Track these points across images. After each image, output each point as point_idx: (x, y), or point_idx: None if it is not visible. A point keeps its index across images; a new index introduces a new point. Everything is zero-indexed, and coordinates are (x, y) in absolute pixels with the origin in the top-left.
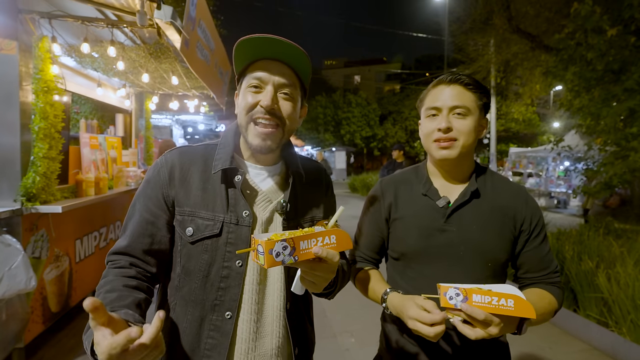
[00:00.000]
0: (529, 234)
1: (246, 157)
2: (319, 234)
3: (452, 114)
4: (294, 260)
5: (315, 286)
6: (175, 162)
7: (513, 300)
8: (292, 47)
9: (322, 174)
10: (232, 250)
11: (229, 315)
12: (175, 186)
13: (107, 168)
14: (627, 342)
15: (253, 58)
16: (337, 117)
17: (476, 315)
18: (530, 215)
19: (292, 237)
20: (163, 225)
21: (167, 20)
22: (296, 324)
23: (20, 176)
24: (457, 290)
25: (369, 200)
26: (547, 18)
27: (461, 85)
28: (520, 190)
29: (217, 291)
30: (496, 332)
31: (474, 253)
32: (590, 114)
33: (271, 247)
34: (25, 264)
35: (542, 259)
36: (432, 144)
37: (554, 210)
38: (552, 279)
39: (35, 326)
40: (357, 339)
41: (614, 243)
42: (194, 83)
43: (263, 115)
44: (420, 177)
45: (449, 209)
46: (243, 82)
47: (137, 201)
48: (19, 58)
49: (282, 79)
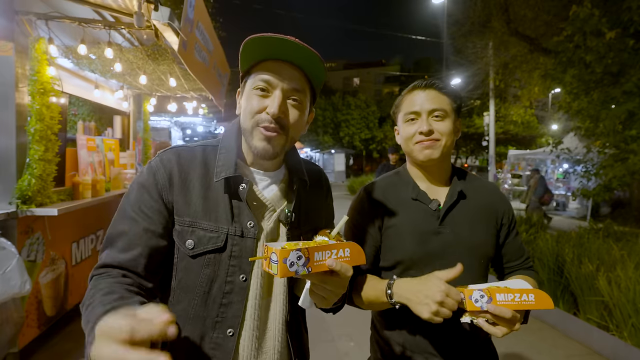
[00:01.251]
0: (508, 227)
1: (249, 162)
2: (334, 246)
3: (431, 117)
4: (307, 271)
5: (325, 301)
6: (174, 165)
7: (533, 294)
8: (306, 50)
9: (322, 178)
10: (236, 264)
11: (230, 333)
12: (174, 192)
13: (104, 170)
14: (628, 346)
15: (261, 57)
16: (336, 119)
17: (504, 315)
18: (508, 210)
19: (307, 247)
20: (162, 234)
21: (165, 21)
22: (295, 335)
23: (16, 178)
24: (481, 291)
25: (357, 209)
26: (546, 21)
27: (436, 90)
28: (494, 187)
29: (219, 307)
30: (518, 327)
31: (468, 252)
32: (589, 117)
33: (286, 256)
34: (20, 267)
35: (519, 247)
36: (415, 146)
37: (553, 212)
38: (528, 264)
39: (30, 330)
40: (357, 342)
41: (614, 246)
42: (192, 85)
43: (269, 125)
44: (405, 181)
45: (441, 211)
46: (248, 81)
47: (128, 207)
48: (15, 59)
49: (292, 83)
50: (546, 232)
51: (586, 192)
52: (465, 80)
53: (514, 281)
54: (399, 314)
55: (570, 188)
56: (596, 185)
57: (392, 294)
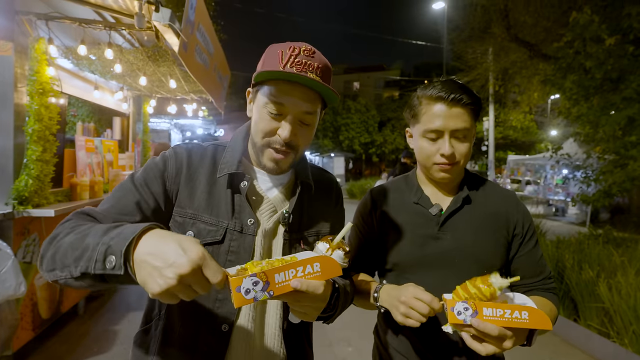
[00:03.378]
0: (522, 237)
1: (255, 163)
2: (300, 263)
3: (453, 137)
4: (268, 295)
5: (307, 316)
6: (184, 159)
7: (527, 312)
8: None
9: (333, 186)
10: (234, 259)
11: (225, 328)
12: (180, 184)
13: (102, 171)
14: (629, 353)
15: (278, 76)
16: (336, 123)
17: (489, 332)
18: (522, 219)
19: (264, 271)
20: (152, 214)
21: (166, 23)
22: (293, 345)
23: (13, 179)
24: (466, 303)
25: (360, 210)
26: (546, 27)
27: (462, 107)
28: (510, 195)
29: (215, 302)
30: (510, 346)
31: (469, 260)
32: (589, 122)
33: (238, 284)
34: (15, 269)
35: (536, 263)
36: (433, 166)
37: (552, 218)
38: (547, 284)
39: (25, 333)
40: (355, 347)
41: (614, 252)
42: (192, 87)
43: (280, 147)
44: (410, 185)
45: (442, 216)
46: (261, 92)
47: (131, 180)
48: (15, 59)
49: (304, 107)
50: (544, 237)
51: (586, 197)
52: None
53: (517, 296)
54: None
55: (570, 194)
56: (596, 191)
57: (378, 297)
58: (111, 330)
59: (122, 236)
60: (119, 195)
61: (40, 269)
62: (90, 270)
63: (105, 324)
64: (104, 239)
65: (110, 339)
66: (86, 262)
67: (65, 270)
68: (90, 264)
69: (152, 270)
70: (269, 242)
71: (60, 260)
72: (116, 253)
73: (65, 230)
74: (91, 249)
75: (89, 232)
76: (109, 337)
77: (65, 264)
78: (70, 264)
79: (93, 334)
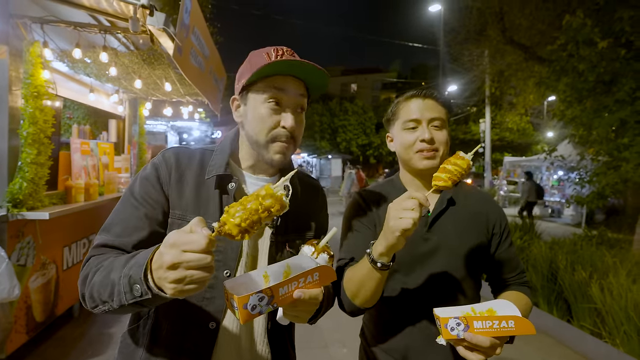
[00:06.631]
0: (500, 236)
1: (244, 166)
2: (301, 275)
3: (431, 125)
4: (272, 307)
5: (298, 319)
6: (173, 161)
7: (513, 320)
8: (319, 72)
9: (318, 192)
10: (221, 260)
11: (212, 326)
12: (171, 186)
13: (98, 174)
14: (620, 353)
15: (272, 72)
16: (334, 125)
17: (482, 344)
18: (500, 219)
19: (270, 287)
20: (162, 222)
21: (160, 27)
22: (277, 347)
23: (7, 182)
24: (458, 319)
25: (353, 212)
26: (540, 30)
27: (434, 100)
28: (487, 196)
29: (202, 301)
30: (499, 351)
31: (455, 259)
32: (583, 124)
33: (245, 301)
34: (9, 271)
35: (512, 260)
36: (415, 154)
37: (547, 219)
38: (522, 279)
39: (18, 336)
40: (350, 348)
41: (607, 253)
42: (187, 90)
43: (287, 140)
44: (397, 188)
45: (429, 217)
46: (253, 92)
47: (130, 196)
48: (9, 62)
49: (299, 97)
50: (540, 238)
51: (580, 199)
52: (461, 87)
53: (499, 302)
54: (389, 324)
55: (565, 195)
56: (590, 193)
57: (371, 253)
58: (106, 334)
59: (137, 264)
60: (125, 216)
61: (86, 306)
62: (124, 302)
63: (100, 327)
64: (124, 271)
65: (104, 342)
66: (118, 296)
67: (106, 305)
68: (121, 297)
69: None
70: (255, 242)
71: (98, 298)
72: (138, 281)
73: (92, 269)
74: (117, 283)
75: (112, 268)
76: (103, 340)
77: (103, 300)
78: (107, 300)
79: (87, 337)
